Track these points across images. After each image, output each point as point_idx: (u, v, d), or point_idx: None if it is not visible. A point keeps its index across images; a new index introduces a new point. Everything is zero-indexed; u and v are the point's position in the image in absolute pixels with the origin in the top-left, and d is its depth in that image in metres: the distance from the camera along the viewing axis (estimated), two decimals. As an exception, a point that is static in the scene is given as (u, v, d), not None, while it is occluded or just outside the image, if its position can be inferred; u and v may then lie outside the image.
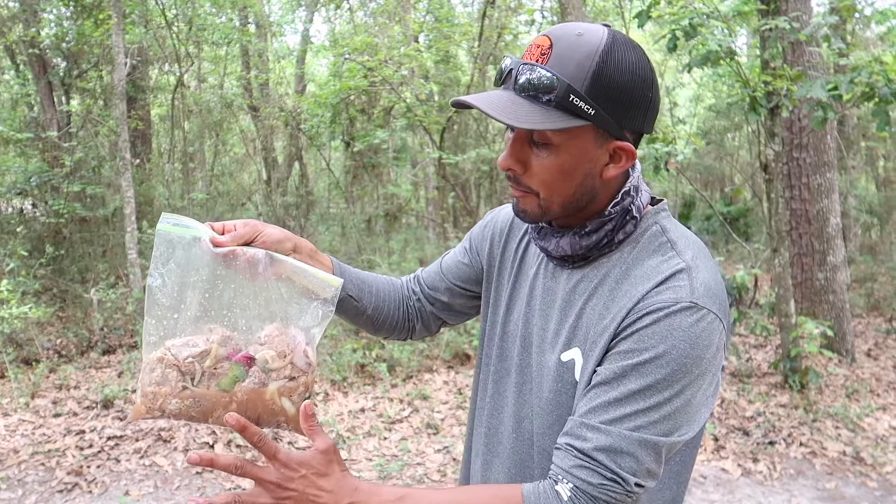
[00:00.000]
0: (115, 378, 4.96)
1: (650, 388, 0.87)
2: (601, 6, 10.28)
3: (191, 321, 0.96)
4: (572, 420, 0.92)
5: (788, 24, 4.19)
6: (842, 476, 3.77)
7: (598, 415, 0.89)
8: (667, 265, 0.92)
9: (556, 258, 1.02)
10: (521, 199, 0.97)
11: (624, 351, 0.89)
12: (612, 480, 0.87)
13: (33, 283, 5.66)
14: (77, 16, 7.79)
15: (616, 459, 0.87)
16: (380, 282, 1.26)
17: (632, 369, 0.88)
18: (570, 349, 0.97)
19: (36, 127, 7.66)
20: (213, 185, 9.33)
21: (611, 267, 0.97)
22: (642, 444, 0.87)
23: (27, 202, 7.78)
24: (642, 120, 0.93)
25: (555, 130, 0.89)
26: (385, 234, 8.79)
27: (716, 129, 12.22)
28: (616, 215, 0.97)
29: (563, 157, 0.92)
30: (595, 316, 0.95)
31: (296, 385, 0.98)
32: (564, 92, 0.87)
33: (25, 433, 4.07)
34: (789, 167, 5.75)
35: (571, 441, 0.90)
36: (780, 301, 4.86)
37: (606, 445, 0.87)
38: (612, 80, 0.88)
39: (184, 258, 0.95)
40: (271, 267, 0.98)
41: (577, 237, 0.98)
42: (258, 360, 0.95)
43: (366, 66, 7.23)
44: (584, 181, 0.94)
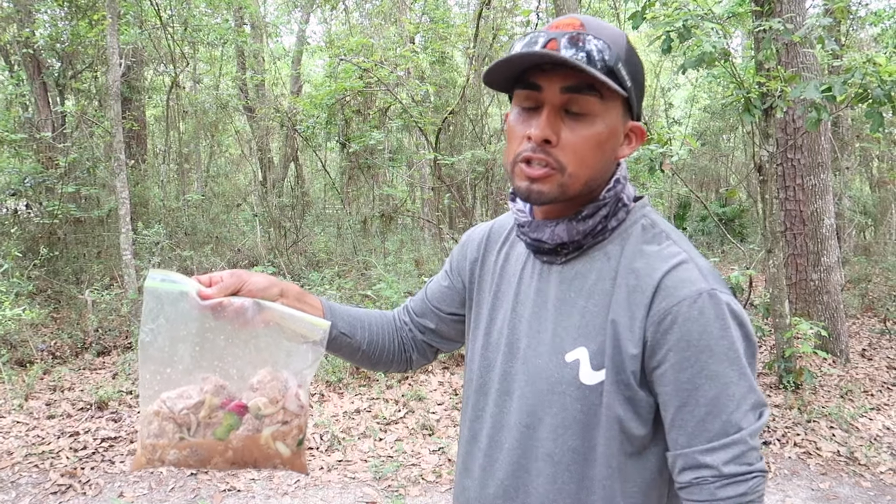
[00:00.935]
0: (109, 379, 4.95)
1: (727, 386, 0.89)
2: (596, 7, 10.30)
3: (184, 372, 0.98)
4: (682, 455, 0.92)
5: (782, 26, 4.20)
6: (836, 476, 3.78)
7: (703, 436, 0.90)
8: (668, 252, 0.94)
9: (547, 252, 1.01)
10: (540, 178, 0.94)
11: (679, 361, 0.89)
12: (753, 477, 0.89)
13: (27, 284, 5.64)
14: (71, 16, 7.77)
15: (744, 461, 0.89)
16: (372, 316, 1.26)
17: (700, 377, 0.89)
18: (574, 349, 0.95)
19: (30, 128, 7.64)
20: (208, 187, 9.31)
21: (606, 261, 0.97)
22: (752, 434, 0.90)
23: (21, 203, 7.75)
24: (640, 107, 0.98)
25: (610, 91, 0.91)
26: (381, 235, 8.79)
27: (711, 129, 12.26)
28: (611, 200, 0.98)
29: (600, 127, 0.92)
30: (600, 315, 0.94)
31: (289, 428, 1.01)
32: (615, 58, 0.90)
33: (19, 435, 4.05)
34: (784, 168, 5.76)
35: (697, 473, 0.90)
36: (775, 301, 4.87)
37: (730, 458, 0.89)
38: (635, 63, 0.94)
39: (173, 313, 0.96)
40: (259, 314, 1.00)
41: (573, 222, 0.98)
42: (251, 408, 0.98)
43: (361, 67, 7.23)
44: (610, 156, 0.96)
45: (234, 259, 7.68)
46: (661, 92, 12.31)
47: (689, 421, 0.90)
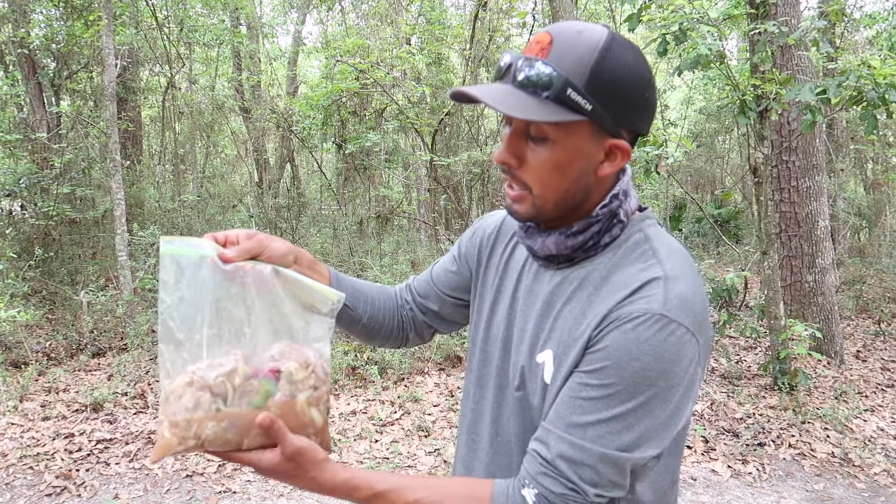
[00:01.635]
0: (104, 381, 4.93)
1: (611, 398, 0.86)
2: (592, 9, 10.32)
3: (209, 344, 0.92)
4: (542, 426, 0.93)
5: (777, 29, 4.22)
6: (830, 477, 3.79)
7: (563, 423, 0.89)
8: (644, 274, 0.91)
9: (541, 258, 1.02)
10: (515, 199, 0.97)
11: (592, 361, 0.89)
12: (573, 490, 0.87)
13: (22, 285, 5.63)
14: (67, 17, 7.76)
15: (577, 470, 0.87)
16: (374, 290, 1.26)
17: (596, 380, 0.87)
18: (543, 351, 0.97)
19: (25, 128, 7.62)
20: (203, 187, 9.29)
21: (591, 270, 0.97)
22: (602, 458, 0.87)
23: (16, 204, 7.72)
24: (639, 119, 0.92)
25: (551, 124, 0.89)
26: (377, 236, 8.78)
27: (706, 131, 12.29)
28: (604, 217, 0.96)
29: (559, 152, 0.91)
30: (571, 320, 0.95)
31: (320, 394, 0.97)
32: (562, 86, 0.86)
33: (14, 437, 4.04)
34: (779, 170, 5.79)
35: (538, 447, 0.91)
36: (770, 303, 4.89)
37: (568, 455, 0.88)
38: (610, 77, 0.88)
39: (193, 279, 0.91)
40: (276, 282, 0.96)
41: (563, 237, 0.98)
42: (283, 373, 0.93)
43: (358, 69, 7.23)
44: (579, 178, 0.94)
45: (229, 260, 7.66)
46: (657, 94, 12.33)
47: (564, 405, 0.90)
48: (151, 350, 5.37)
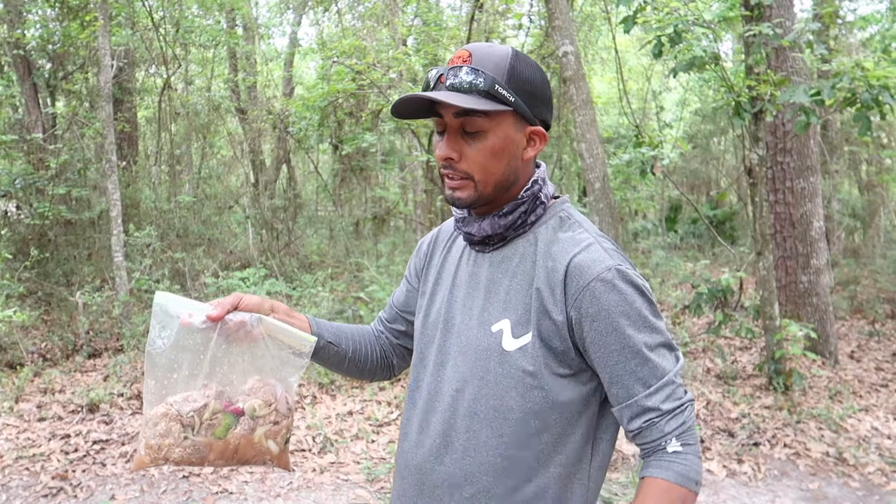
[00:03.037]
0: (100, 382, 4.93)
1: (645, 341, 1.07)
2: (588, 11, 10.35)
3: (188, 379, 1.10)
4: (627, 406, 1.09)
5: (772, 31, 4.24)
6: (825, 477, 3.81)
7: (639, 386, 1.07)
8: (579, 237, 1.12)
9: (478, 241, 1.18)
10: (457, 188, 1.13)
11: (602, 328, 1.07)
12: (687, 408, 1.09)
13: (17, 286, 5.61)
14: (63, 17, 7.74)
15: (676, 397, 1.08)
16: (353, 328, 1.42)
17: (624, 338, 1.07)
18: (499, 321, 1.12)
19: (21, 129, 7.60)
20: (199, 188, 9.28)
21: (527, 246, 1.15)
22: (676, 374, 1.09)
23: (11, 204, 7.70)
24: (547, 112, 1.15)
25: (487, 113, 1.08)
26: (373, 237, 8.79)
27: (702, 133, 12.33)
28: (528, 199, 1.15)
29: (493, 140, 1.10)
30: (523, 290, 1.12)
31: (279, 428, 1.15)
32: (491, 82, 1.07)
33: (9, 438, 4.03)
34: (773, 171, 5.81)
35: (645, 417, 1.08)
36: (765, 304, 4.91)
37: (665, 397, 1.08)
38: (523, 76, 1.10)
39: (177, 329, 1.08)
40: (259, 326, 1.14)
41: (496, 218, 1.15)
42: (247, 409, 1.12)
43: (354, 70, 7.23)
44: (510, 162, 1.12)
45: (226, 261, 7.66)
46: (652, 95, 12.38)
47: (623, 376, 1.07)
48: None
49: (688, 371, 5.29)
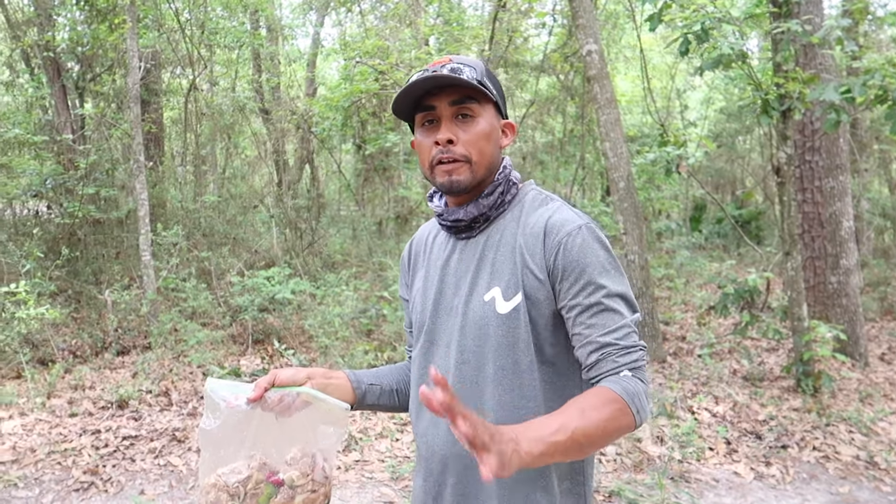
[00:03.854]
0: (129, 379, 5.01)
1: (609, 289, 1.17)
2: (611, 9, 10.28)
3: (235, 452, 1.24)
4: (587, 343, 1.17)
5: (800, 28, 4.18)
6: (855, 480, 3.75)
7: (600, 326, 1.16)
8: (552, 205, 1.27)
9: (466, 226, 1.30)
10: (454, 170, 1.24)
11: (573, 277, 1.18)
12: (640, 349, 1.17)
13: (49, 284, 5.72)
14: (91, 20, 7.87)
15: (631, 338, 1.17)
16: (392, 367, 1.51)
17: (590, 286, 1.17)
18: (489, 290, 1.24)
19: (50, 130, 7.74)
20: (224, 188, 9.38)
21: (506, 223, 1.28)
22: (633, 322, 1.18)
23: (42, 204, 7.85)
24: (506, 111, 1.33)
25: (478, 100, 1.24)
26: (396, 236, 8.82)
27: (727, 131, 12.17)
28: (502, 181, 1.29)
29: (483, 123, 1.25)
30: (508, 258, 1.24)
31: (316, 496, 1.27)
32: (481, 74, 1.25)
33: (42, 433, 4.11)
34: (801, 170, 5.73)
35: (602, 351, 1.16)
36: (793, 305, 4.84)
37: (622, 335, 1.16)
38: (493, 77, 1.29)
39: (224, 412, 1.23)
40: (298, 398, 1.26)
41: (479, 200, 1.28)
42: (286, 480, 1.25)
43: (377, 70, 7.26)
44: (495, 147, 1.28)
45: (250, 260, 7.74)
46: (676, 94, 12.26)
47: (587, 318, 1.17)
48: (175, 349, 5.44)
49: (714, 372, 5.24)
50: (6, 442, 3.97)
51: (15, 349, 5.00)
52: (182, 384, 4.92)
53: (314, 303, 6.20)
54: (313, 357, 5.51)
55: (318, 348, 5.47)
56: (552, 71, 9.91)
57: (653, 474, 3.73)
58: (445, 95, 1.23)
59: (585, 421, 1.04)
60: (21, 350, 5.00)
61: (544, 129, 11.78)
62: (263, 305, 5.92)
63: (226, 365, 5.23)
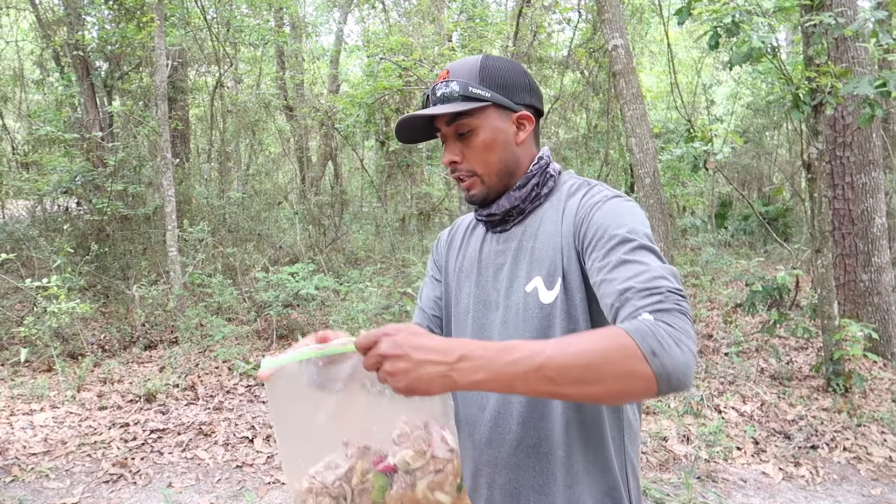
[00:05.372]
0: (156, 373, 5.07)
1: (634, 250, 1.07)
2: (637, 4, 10.17)
3: (324, 441, 0.96)
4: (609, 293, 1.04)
5: (834, 20, 4.10)
6: (888, 482, 3.67)
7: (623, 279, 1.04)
8: (588, 186, 1.24)
9: (500, 219, 1.28)
10: (469, 186, 1.26)
11: (596, 239, 1.12)
12: (667, 291, 1.00)
13: (78, 279, 5.82)
14: (119, 19, 7.97)
15: (656, 281, 1.01)
16: None
17: (615, 249, 1.08)
18: (530, 280, 1.21)
19: (80, 128, 7.87)
20: (249, 185, 9.46)
21: (544, 212, 1.25)
22: (665, 270, 1.04)
23: (72, 201, 7.98)
24: (529, 97, 1.26)
25: (470, 112, 1.21)
26: (419, 233, 8.82)
27: (754, 127, 11.98)
28: (538, 172, 1.26)
29: (483, 135, 1.22)
30: (546, 247, 1.21)
31: (444, 476, 0.96)
32: (464, 86, 1.21)
33: (72, 425, 4.19)
34: (832, 166, 5.62)
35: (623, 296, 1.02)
36: (823, 303, 4.75)
37: (644, 279, 1.02)
38: (494, 73, 1.23)
39: (297, 388, 0.94)
40: None
41: (512, 192, 1.26)
42: (399, 464, 0.95)
43: (401, 66, 7.26)
44: (505, 148, 1.24)
45: (275, 256, 7.79)
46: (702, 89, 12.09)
47: (611, 277, 1.06)
48: (200, 343, 5.50)
49: (741, 371, 5.17)
50: (38, 434, 4.04)
51: (46, 343, 5.09)
52: (208, 378, 4.97)
53: (337, 299, 6.22)
54: (337, 353, 5.53)
55: (342, 344, 5.49)
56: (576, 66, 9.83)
57: (679, 473, 3.68)
58: (441, 118, 1.24)
59: (562, 353, 0.88)
60: (52, 344, 5.09)
61: (567, 125, 11.70)
62: (288, 301, 5.96)
63: (251, 360, 5.28)
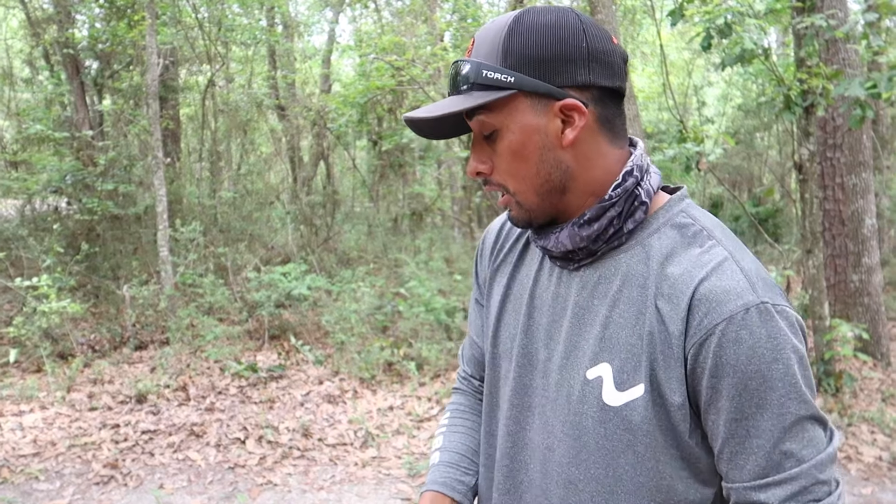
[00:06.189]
0: (147, 373, 5.04)
1: (782, 416, 0.79)
2: (628, 5, 10.20)
3: None
4: (733, 489, 0.83)
5: (825, 22, 4.12)
6: (878, 482, 3.70)
7: (755, 471, 0.81)
8: (708, 257, 0.82)
9: (559, 257, 0.92)
10: (505, 204, 0.92)
11: (724, 388, 0.79)
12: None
13: (68, 279, 5.77)
14: (110, 17, 7.92)
15: (808, 498, 0.80)
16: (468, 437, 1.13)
17: (751, 406, 0.79)
18: (596, 365, 0.86)
19: (69, 126, 7.81)
20: (240, 184, 9.43)
21: (634, 263, 0.87)
22: (818, 466, 0.80)
23: (62, 200, 7.92)
24: (585, 72, 0.84)
25: (487, 107, 0.86)
26: (411, 233, 8.81)
27: (745, 128, 12.06)
28: (619, 198, 0.87)
29: (509, 136, 0.86)
30: (628, 325, 0.85)
31: None
32: (475, 71, 0.85)
33: (62, 426, 4.15)
34: (823, 167, 5.65)
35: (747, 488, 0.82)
36: (814, 303, 4.78)
37: (788, 495, 0.79)
38: (525, 44, 0.83)
39: None
40: None
41: (575, 227, 0.88)
42: None
43: (394, 66, 7.25)
44: (543, 156, 0.86)
45: (266, 256, 7.77)
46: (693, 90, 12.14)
47: (738, 454, 0.81)
48: (192, 343, 5.47)
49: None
50: (27, 435, 4.01)
51: (35, 343, 5.05)
52: (200, 379, 4.94)
53: (330, 299, 6.21)
54: (329, 353, 5.52)
55: (335, 344, 5.48)
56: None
57: None
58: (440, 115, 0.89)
59: None
60: (41, 344, 5.04)
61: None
62: (280, 301, 5.94)
63: (242, 360, 5.25)
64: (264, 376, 5.01)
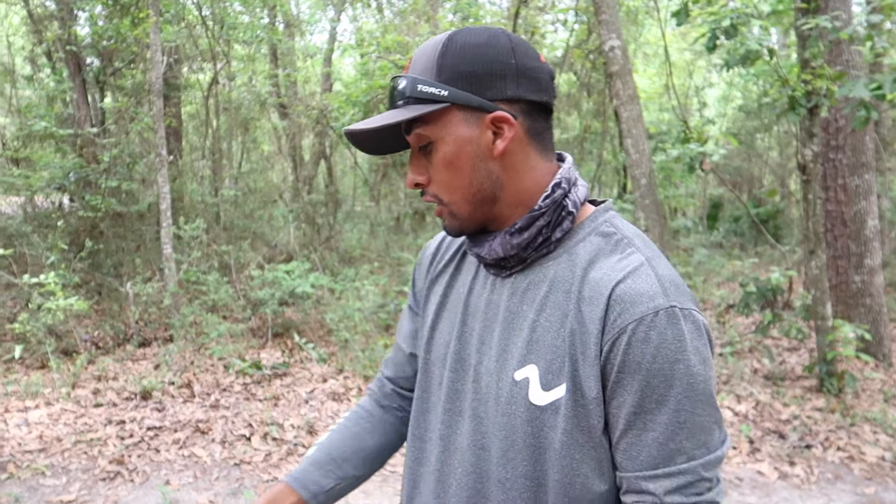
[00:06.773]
0: (151, 370, 5.05)
1: (678, 413, 0.83)
2: (631, 6, 10.22)
3: None
4: (625, 477, 0.87)
5: (829, 23, 4.14)
6: (881, 481, 3.72)
7: (647, 462, 0.85)
8: (627, 261, 0.87)
9: (492, 264, 0.96)
10: (439, 214, 0.96)
11: (629, 383, 0.84)
12: None
13: (72, 276, 5.78)
14: (113, 14, 7.92)
15: (691, 492, 0.84)
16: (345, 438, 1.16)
17: (650, 402, 0.83)
18: (523, 367, 0.89)
19: (72, 124, 7.81)
20: (242, 183, 9.44)
21: (558, 271, 0.91)
22: (706, 465, 0.84)
23: (65, 197, 7.93)
24: (513, 86, 0.89)
25: (422, 120, 0.90)
26: (413, 232, 8.83)
27: (746, 129, 12.09)
28: (548, 209, 0.91)
29: (443, 148, 0.90)
30: (553, 328, 0.88)
31: None
32: (411, 85, 0.89)
33: (68, 422, 4.16)
34: (825, 168, 5.67)
35: (638, 498, 0.86)
36: (816, 304, 4.80)
37: (674, 487, 0.84)
38: (458, 60, 0.88)
39: None
40: None
41: (507, 236, 0.92)
42: None
43: (397, 65, 7.26)
44: (475, 166, 0.90)
45: (269, 254, 7.77)
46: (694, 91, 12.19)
47: (634, 445, 0.85)
48: (196, 341, 5.48)
49: (735, 371, 5.21)
50: (33, 431, 4.02)
51: (40, 340, 5.06)
52: (204, 376, 4.95)
53: (333, 297, 6.22)
54: (333, 351, 5.53)
55: (338, 342, 5.49)
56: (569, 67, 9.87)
57: None
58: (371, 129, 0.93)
59: None
60: (46, 341, 5.05)
61: (560, 126, 11.74)
62: (283, 299, 5.95)
63: (246, 358, 5.26)
64: (268, 374, 5.02)
